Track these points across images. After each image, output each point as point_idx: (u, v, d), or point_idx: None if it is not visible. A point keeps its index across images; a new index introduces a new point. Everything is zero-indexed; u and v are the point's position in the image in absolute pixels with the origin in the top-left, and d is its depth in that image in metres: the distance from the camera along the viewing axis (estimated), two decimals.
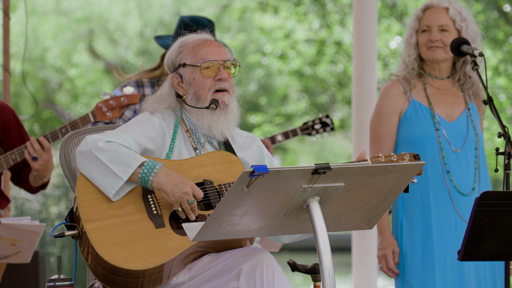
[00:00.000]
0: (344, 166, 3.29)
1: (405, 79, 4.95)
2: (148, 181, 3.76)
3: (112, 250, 3.68)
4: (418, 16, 4.93)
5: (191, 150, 4.02)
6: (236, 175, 3.91)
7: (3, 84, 6.26)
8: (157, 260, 3.68)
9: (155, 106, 4.07)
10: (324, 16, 18.06)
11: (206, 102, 3.98)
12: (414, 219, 4.86)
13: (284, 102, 20.96)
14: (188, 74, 4.01)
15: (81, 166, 3.82)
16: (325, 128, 6.22)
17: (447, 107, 4.93)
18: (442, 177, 4.84)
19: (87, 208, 3.76)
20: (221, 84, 3.98)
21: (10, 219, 4.96)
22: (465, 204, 4.84)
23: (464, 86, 4.99)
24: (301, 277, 14.34)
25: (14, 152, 5.03)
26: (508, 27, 15.98)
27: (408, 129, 4.91)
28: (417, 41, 4.93)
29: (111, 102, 5.06)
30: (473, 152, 4.89)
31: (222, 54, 4.00)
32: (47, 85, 20.99)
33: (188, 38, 4.06)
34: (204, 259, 3.79)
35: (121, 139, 3.85)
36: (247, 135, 4.18)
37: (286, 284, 3.63)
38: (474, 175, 4.88)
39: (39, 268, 6.12)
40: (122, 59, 20.63)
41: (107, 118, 5.07)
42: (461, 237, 4.79)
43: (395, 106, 4.93)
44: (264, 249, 3.74)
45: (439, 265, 4.79)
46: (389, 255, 4.90)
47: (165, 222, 3.79)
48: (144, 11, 20.41)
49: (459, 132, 4.89)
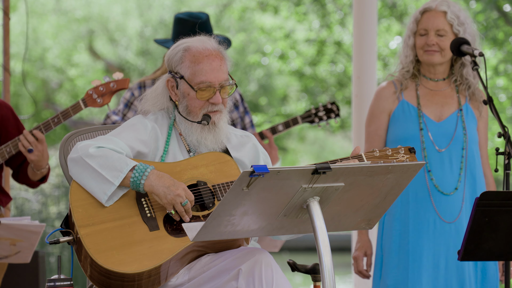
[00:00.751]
0: (344, 166, 3.29)
1: (398, 80, 4.99)
2: (139, 184, 3.76)
3: (106, 255, 3.69)
4: (417, 18, 4.94)
5: (185, 152, 4.01)
6: (230, 175, 3.92)
7: (3, 84, 6.26)
8: (151, 262, 3.68)
9: (150, 106, 4.06)
10: (324, 16, 18.06)
11: (197, 118, 3.98)
12: (394, 218, 4.89)
13: (284, 102, 20.95)
14: (184, 87, 3.98)
15: (73, 173, 3.83)
16: (329, 115, 6.05)
17: (437, 108, 4.96)
18: (423, 177, 4.87)
19: (81, 214, 3.77)
20: (214, 107, 3.97)
21: (10, 219, 4.96)
22: (446, 203, 4.86)
23: (460, 87, 5.00)
24: (301, 277, 14.33)
25: (8, 145, 5.05)
26: (508, 27, 15.97)
27: (395, 128, 4.96)
28: (414, 43, 4.95)
29: (101, 89, 5.06)
30: (459, 152, 4.91)
31: (220, 75, 3.96)
32: (47, 85, 20.99)
33: (191, 45, 3.99)
34: (203, 260, 3.79)
35: (112, 143, 3.85)
36: (242, 133, 4.17)
37: (285, 284, 3.63)
38: (458, 175, 4.89)
39: (39, 268, 6.12)
40: (122, 59, 20.63)
41: (98, 104, 5.08)
42: (439, 236, 4.83)
43: (385, 107, 4.99)
44: (263, 249, 3.74)
45: (413, 265, 4.81)
46: (359, 257, 4.98)
47: (159, 224, 3.79)
48: (144, 11, 20.40)
49: (446, 132, 4.92)
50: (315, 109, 6.04)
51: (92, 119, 20.65)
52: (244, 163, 4.08)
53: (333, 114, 6.05)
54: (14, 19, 15.71)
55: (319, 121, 6.04)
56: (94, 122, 20.28)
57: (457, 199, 4.87)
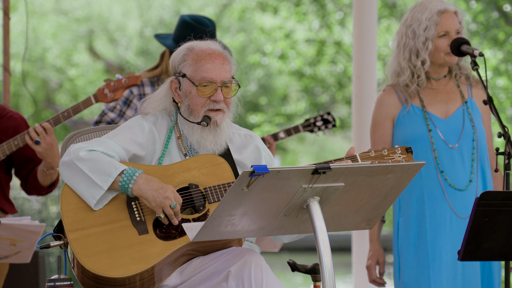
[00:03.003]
0: (344, 166, 3.30)
1: (402, 88, 4.92)
2: (128, 188, 3.76)
3: (94, 259, 3.69)
4: (436, 21, 4.87)
5: (182, 156, 4.01)
6: (222, 177, 3.91)
7: (3, 84, 6.26)
8: (139, 266, 3.68)
9: (152, 108, 4.05)
10: (324, 16, 18.06)
11: (198, 118, 3.97)
12: (410, 219, 4.88)
13: (284, 102, 20.95)
14: (186, 86, 3.99)
15: (64, 176, 3.85)
16: (326, 125, 6.19)
17: (442, 105, 4.94)
18: (436, 176, 4.86)
19: (71, 218, 3.78)
20: (215, 105, 3.96)
21: (10, 219, 4.96)
22: (462, 199, 4.84)
23: (460, 80, 4.98)
24: (301, 277, 14.34)
25: (16, 138, 5.05)
26: (508, 27, 15.97)
27: (402, 130, 4.93)
28: (433, 48, 4.87)
29: (113, 84, 5.10)
30: (470, 145, 4.89)
31: (223, 73, 3.96)
32: (47, 85, 20.99)
33: (195, 46, 4.01)
34: (194, 262, 3.79)
35: (105, 146, 3.85)
36: (246, 133, 4.16)
37: (275, 284, 3.62)
38: (471, 167, 4.88)
39: (39, 268, 6.12)
40: (122, 59, 20.63)
41: (108, 99, 5.10)
42: (456, 233, 4.82)
43: (388, 113, 4.96)
44: (253, 250, 3.73)
45: (434, 263, 4.80)
46: (372, 266, 4.97)
47: (148, 228, 3.79)
48: (144, 11, 20.41)
49: (454, 127, 4.90)
50: (313, 119, 6.19)
51: (92, 119, 20.66)
52: (246, 166, 4.07)
53: (330, 125, 6.21)
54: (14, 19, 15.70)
55: (318, 130, 6.20)
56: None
57: (471, 194, 4.85)
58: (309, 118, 6.18)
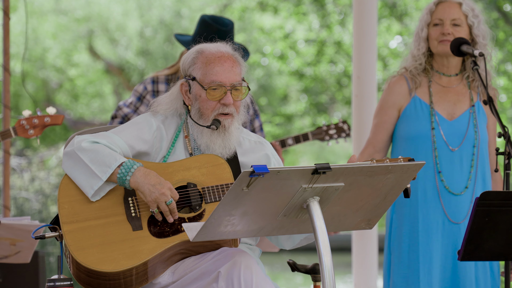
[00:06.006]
0: (344, 166, 3.30)
1: (411, 76, 4.95)
2: (125, 181, 3.78)
3: (86, 252, 3.71)
4: (431, 9, 4.91)
5: (187, 155, 4.01)
6: (221, 178, 3.91)
7: (3, 84, 6.26)
8: (129, 262, 3.70)
9: (162, 109, 4.05)
10: (324, 16, 18.06)
11: (208, 121, 3.97)
12: (403, 217, 4.88)
13: (284, 102, 20.95)
14: (196, 89, 3.98)
15: (65, 166, 3.86)
16: (340, 134, 6.04)
17: (449, 105, 4.93)
18: (432, 177, 4.86)
19: (67, 210, 3.79)
20: (225, 109, 3.95)
21: (10, 219, 4.96)
22: (456, 203, 4.85)
23: (473, 84, 4.99)
24: (301, 277, 14.33)
25: None
26: (508, 27, 15.98)
27: (406, 125, 4.93)
28: (427, 35, 4.93)
29: (34, 121, 5.04)
30: (470, 150, 4.89)
31: (232, 76, 3.95)
32: (47, 85, 20.99)
33: (205, 49, 4.00)
34: (187, 261, 3.80)
35: (109, 140, 3.87)
36: (256, 139, 4.14)
37: (265, 286, 3.61)
38: (468, 173, 4.88)
39: (39, 268, 6.12)
40: (122, 59, 20.63)
41: (29, 135, 5.05)
42: (447, 237, 4.83)
43: (395, 102, 4.96)
44: (244, 250, 3.73)
45: (424, 264, 4.80)
46: None
47: (143, 224, 3.80)
48: (144, 11, 20.40)
49: (458, 131, 4.90)
50: (326, 127, 6.04)
51: (92, 119, 20.66)
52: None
53: (343, 134, 6.05)
54: (14, 19, 15.70)
55: (330, 139, 6.05)
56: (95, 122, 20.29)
57: (466, 200, 4.85)
58: (322, 126, 6.05)
